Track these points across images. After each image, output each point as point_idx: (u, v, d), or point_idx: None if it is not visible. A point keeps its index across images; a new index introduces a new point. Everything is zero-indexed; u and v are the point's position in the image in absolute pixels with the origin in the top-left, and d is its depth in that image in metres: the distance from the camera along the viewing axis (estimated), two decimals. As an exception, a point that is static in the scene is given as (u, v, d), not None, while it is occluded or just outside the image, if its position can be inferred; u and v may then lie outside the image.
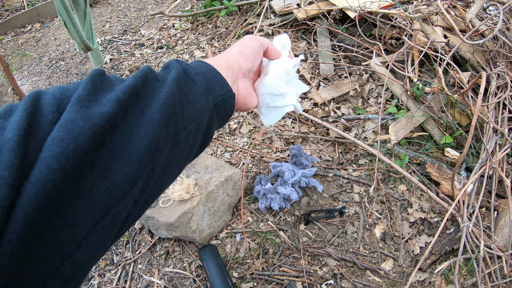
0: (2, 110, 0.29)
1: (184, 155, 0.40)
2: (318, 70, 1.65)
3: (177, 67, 0.42)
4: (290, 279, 1.07)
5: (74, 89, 0.32)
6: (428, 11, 1.55)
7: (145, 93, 0.35)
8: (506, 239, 1.03)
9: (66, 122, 0.28)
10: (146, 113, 0.34)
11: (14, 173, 0.24)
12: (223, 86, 0.47)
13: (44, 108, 0.29)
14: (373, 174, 1.26)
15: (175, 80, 0.39)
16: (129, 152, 0.31)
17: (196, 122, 0.41)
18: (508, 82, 1.25)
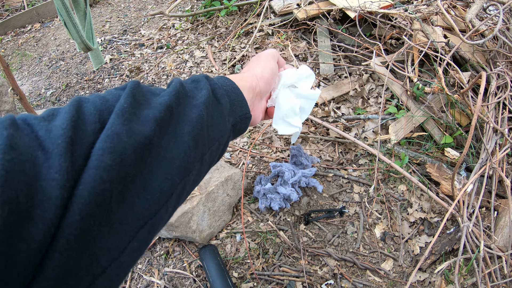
0: (45, 113, 0.31)
1: (205, 172, 0.44)
2: (318, 70, 1.65)
3: (207, 87, 0.44)
4: (290, 279, 1.07)
5: (113, 100, 0.34)
6: (428, 11, 1.55)
7: (178, 112, 0.38)
8: (506, 239, 1.03)
9: (113, 134, 0.30)
10: (179, 134, 0.37)
11: (65, 176, 0.26)
12: (243, 107, 0.50)
13: (86, 118, 0.31)
14: (373, 174, 1.26)
15: (205, 103, 0.41)
16: (164, 170, 0.34)
17: (217, 142, 0.44)
18: (508, 82, 1.25)
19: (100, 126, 0.31)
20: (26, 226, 0.24)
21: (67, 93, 2.06)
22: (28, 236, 0.24)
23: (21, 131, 0.27)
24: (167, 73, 1.91)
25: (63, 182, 0.26)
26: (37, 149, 0.27)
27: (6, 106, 1.81)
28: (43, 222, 0.25)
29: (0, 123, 0.26)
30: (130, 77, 1.98)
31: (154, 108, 0.35)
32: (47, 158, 0.27)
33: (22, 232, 0.24)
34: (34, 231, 0.24)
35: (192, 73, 1.85)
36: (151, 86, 0.49)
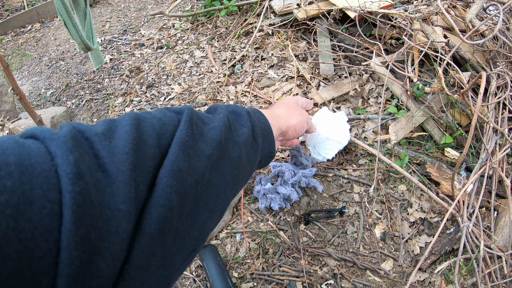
0: (102, 127, 0.30)
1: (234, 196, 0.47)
2: (318, 70, 1.65)
3: (248, 125, 0.47)
4: (290, 279, 1.07)
5: (170, 124, 0.35)
6: (428, 11, 1.55)
7: (224, 147, 0.40)
8: (506, 239, 1.03)
9: (178, 170, 0.31)
10: (223, 172, 0.39)
11: (130, 207, 0.26)
12: (270, 146, 0.53)
13: (146, 140, 0.32)
14: (373, 174, 1.26)
15: (245, 142, 0.44)
16: (208, 207, 0.36)
17: (246, 178, 0.47)
18: (508, 82, 1.25)
19: (159, 150, 0.31)
20: (96, 261, 0.23)
21: (67, 93, 2.06)
22: (98, 272, 0.24)
23: (81, 148, 0.27)
24: (167, 73, 1.91)
25: (128, 215, 0.26)
26: (98, 170, 0.26)
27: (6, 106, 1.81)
28: (111, 257, 0.24)
29: (64, 143, 0.25)
30: (130, 77, 1.98)
31: (208, 144, 0.36)
32: (109, 183, 0.26)
33: (92, 268, 0.23)
34: (103, 266, 0.24)
35: (192, 73, 1.86)
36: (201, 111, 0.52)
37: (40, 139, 0.26)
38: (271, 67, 1.74)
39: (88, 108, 1.93)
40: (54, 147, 0.24)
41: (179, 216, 0.30)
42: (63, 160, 0.24)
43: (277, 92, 1.61)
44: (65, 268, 0.21)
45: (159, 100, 1.74)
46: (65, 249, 0.21)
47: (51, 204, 0.22)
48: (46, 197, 0.22)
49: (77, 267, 0.22)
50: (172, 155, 0.31)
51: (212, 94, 1.66)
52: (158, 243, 0.28)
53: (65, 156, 0.24)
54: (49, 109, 1.87)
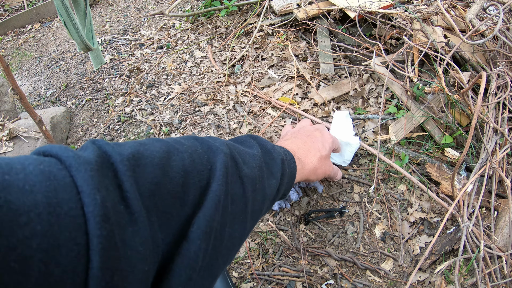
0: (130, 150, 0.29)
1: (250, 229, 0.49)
2: (318, 70, 1.65)
3: (278, 177, 0.48)
4: (290, 279, 1.07)
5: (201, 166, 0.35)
6: (428, 11, 1.55)
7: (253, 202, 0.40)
8: (506, 239, 1.03)
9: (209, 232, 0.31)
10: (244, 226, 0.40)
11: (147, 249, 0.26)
12: (287, 190, 0.56)
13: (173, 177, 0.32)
14: (373, 174, 1.26)
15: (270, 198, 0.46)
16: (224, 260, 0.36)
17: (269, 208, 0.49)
18: (508, 82, 1.25)
19: (181, 189, 0.31)
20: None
21: (67, 93, 2.06)
22: None
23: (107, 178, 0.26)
24: (167, 73, 1.91)
25: (145, 256, 0.26)
26: (121, 203, 0.26)
27: (6, 106, 1.81)
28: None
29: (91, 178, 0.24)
30: (130, 77, 1.98)
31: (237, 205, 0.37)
32: (132, 221, 0.26)
33: None
34: None
35: (192, 73, 1.85)
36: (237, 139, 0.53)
37: (64, 164, 0.25)
38: (271, 67, 1.74)
39: (88, 108, 1.93)
40: (80, 181, 0.24)
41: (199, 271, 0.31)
42: (91, 200, 0.23)
43: (277, 92, 1.61)
44: None
45: (159, 100, 1.74)
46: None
47: (77, 246, 0.22)
48: (73, 240, 0.22)
49: None
50: (207, 214, 0.31)
51: (212, 94, 1.66)
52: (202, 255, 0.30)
53: (93, 195, 0.23)
54: (49, 109, 1.87)
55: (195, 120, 1.56)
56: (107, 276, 0.22)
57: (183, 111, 1.61)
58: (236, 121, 1.53)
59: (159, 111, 1.65)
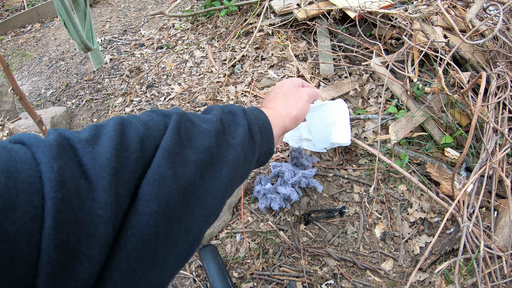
0: (87, 133, 0.31)
1: None
2: (318, 70, 1.65)
3: (244, 124, 0.45)
4: (290, 279, 1.07)
5: (155, 129, 0.35)
6: (428, 11, 1.55)
7: (217, 152, 0.39)
8: (506, 239, 1.03)
9: (160, 177, 0.31)
10: (218, 176, 0.38)
11: (109, 212, 0.27)
12: (269, 143, 0.52)
13: (129, 144, 0.32)
14: (373, 174, 1.26)
15: (242, 142, 0.43)
16: (204, 211, 0.36)
17: (243, 178, 0.46)
18: (508, 82, 1.25)
19: (141, 155, 0.32)
20: (74, 264, 0.25)
21: (67, 93, 2.06)
22: (75, 274, 0.25)
23: (67, 156, 0.28)
24: (167, 73, 1.91)
25: (107, 219, 0.27)
26: (81, 177, 0.27)
27: (6, 106, 1.81)
28: (89, 260, 0.25)
29: (49, 150, 0.26)
30: (130, 77, 1.98)
31: (196, 150, 0.36)
32: (91, 190, 0.27)
33: (70, 270, 0.24)
34: (80, 269, 0.25)
35: (192, 73, 1.86)
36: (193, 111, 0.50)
37: (27, 145, 0.27)
38: (271, 67, 1.74)
39: (88, 108, 1.93)
40: (39, 154, 0.26)
41: (166, 222, 0.30)
42: (48, 168, 0.25)
43: (277, 92, 1.61)
44: (44, 269, 0.23)
45: (159, 100, 1.74)
46: (44, 251, 0.23)
47: (34, 209, 0.23)
48: (30, 203, 0.23)
49: (55, 268, 0.23)
50: (155, 163, 0.31)
51: (212, 94, 1.66)
52: (143, 249, 0.28)
53: (50, 164, 0.25)
54: (49, 109, 1.87)
55: (195, 120, 1.56)
56: (61, 236, 0.23)
57: (183, 111, 1.61)
58: (236, 121, 1.53)
59: (159, 111, 1.65)
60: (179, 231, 0.32)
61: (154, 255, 0.30)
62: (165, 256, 0.31)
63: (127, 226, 0.28)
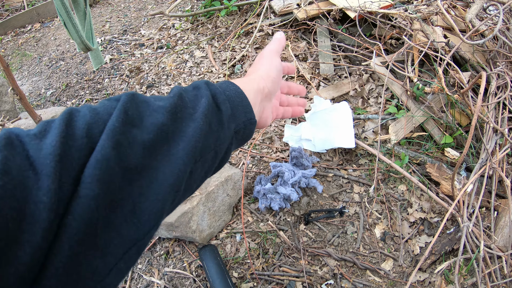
0: (38, 128, 0.32)
1: (197, 181, 0.43)
2: (318, 70, 1.65)
3: (207, 94, 0.43)
4: (290, 279, 1.07)
5: (104, 113, 0.34)
6: (428, 11, 1.55)
7: (173, 130, 0.37)
8: (506, 239, 1.03)
9: (103, 159, 0.30)
10: (173, 153, 0.36)
11: (52, 198, 0.27)
12: (247, 113, 0.48)
13: (75, 132, 0.31)
14: (373, 174, 1.26)
15: (204, 112, 0.40)
16: (155, 191, 0.34)
17: (214, 151, 0.42)
18: (508, 82, 1.25)
19: (87, 140, 0.31)
20: (15, 250, 0.25)
21: (67, 93, 2.06)
22: (15, 260, 0.25)
23: (14, 149, 0.28)
24: (167, 73, 1.91)
25: (50, 205, 0.27)
26: (28, 169, 0.28)
27: (6, 106, 1.81)
28: (30, 245, 0.26)
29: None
30: (130, 77, 1.98)
31: (146, 129, 0.34)
32: (37, 180, 0.27)
33: (10, 257, 0.25)
34: (21, 255, 0.25)
35: (192, 73, 1.86)
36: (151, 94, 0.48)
37: None
38: (271, 67, 1.74)
39: (88, 108, 1.93)
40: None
41: (107, 205, 0.30)
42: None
43: (277, 92, 1.61)
44: None
45: (159, 100, 1.74)
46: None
47: None
48: None
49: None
50: (99, 145, 0.31)
51: (212, 94, 1.66)
52: (84, 233, 0.28)
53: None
54: (49, 109, 1.87)
55: (195, 120, 1.56)
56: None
57: (183, 111, 1.61)
58: (236, 121, 1.53)
59: (159, 111, 1.65)
60: (123, 214, 0.31)
61: (95, 239, 0.29)
62: (107, 240, 0.30)
63: (69, 210, 0.28)
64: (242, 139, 0.50)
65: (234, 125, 0.46)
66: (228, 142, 0.45)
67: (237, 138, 0.48)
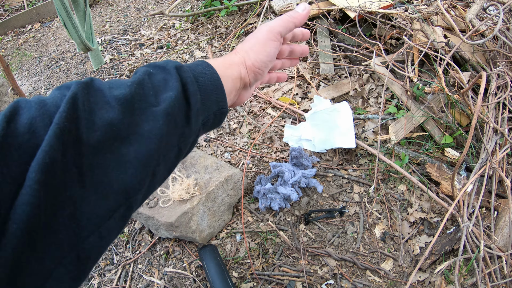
0: None
1: (160, 181, 0.39)
2: (318, 70, 1.65)
3: (177, 86, 0.37)
4: (290, 279, 1.07)
5: (52, 104, 0.31)
6: (428, 11, 1.55)
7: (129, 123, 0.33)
8: (506, 239, 1.03)
9: (50, 163, 0.28)
10: (124, 154, 0.32)
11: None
12: (220, 102, 0.43)
13: (17, 129, 0.29)
14: (373, 174, 1.26)
15: (168, 110, 0.35)
16: (100, 195, 0.31)
17: (177, 147, 0.38)
18: (508, 82, 1.25)
19: (29, 137, 0.29)
20: None
21: (67, 93, 2.06)
22: None
23: None
24: (167, 73, 1.91)
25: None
26: None
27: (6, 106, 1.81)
28: None
29: None
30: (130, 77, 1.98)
31: (93, 125, 0.31)
32: None
33: None
34: None
35: (192, 73, 1.86)
36: None
37: None
38: (271, 67, 1.74)
39: (88, 108, 1.93)
40: None
41: (48, 209, 0.28)
42: None
43: (277, 92, 1.61)
44: None
45: (159, 100, 1.74)
46: None
47: None
48: None
49: None
50: (46, 145, 0.28)
51: (212, 94, 1.66)
52: (26, 241, 0.28)
53: None
54: (49, 109, 1.87)
55: (195, 120, 1.56)
56: None
57: (183, 111, 1.61)
58: (236, 121, 1.53)
59: (159, 111, 1.65)
60: (62, 219, 0.29)
61: (35, 244, 0.28)
62: (45, 244, 0.29)
63: (10, 215, 0.27)
64: (210, 128, 0.45)
65: (202, 117, 0.41)
66: (195, 135, 0.41)
67: (204, 129, 0.43)
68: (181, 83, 0.38)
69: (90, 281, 1.19)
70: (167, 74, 0.39)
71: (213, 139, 1.47)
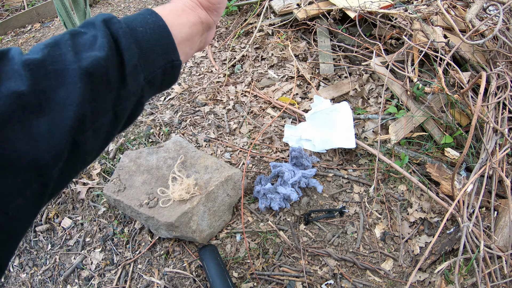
0: None
1: (93, 150, 0.34)
2: (318, 70, 1.65)
3: (103, 43, 0.33)
4: (290, 279, 1.07)
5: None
6: (428, 11, 1.55)
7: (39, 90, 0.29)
8: (506, 239, 1.03)
9: None
10: (34, 124, 0.29)
11: None
12: (168, 53, 0.37)
13: None
14: (373, 174, 1.26)
15: (88, 71, 0.31)
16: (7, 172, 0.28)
17: (112, 112, 0.34)
18: (508, 82, 1.25)
19: None
20: None
21: (67, 93, 2.06)
22: None
23: None
24: (167, 73, 1.90)
25: None
26: None
27: (6, 106, 1.81)
28: None
29: None
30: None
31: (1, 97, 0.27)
32: None
33: None
34: None
35: (192, 73, 1.85)
36: None
37: None
38: (271, 67, 1.74)
39: (88, 108, 1.93)
40: None
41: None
42: None
43: (277, 92, 1.61)
44: None
45: (159, 100, 1.74)
46: None
47: None
48: None
49: None
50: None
51: (212, 94, 1.66)
52: None
53: None
54: (49, 109, 1.87)
55: (195, 120, 1.56)
56: None
57: (183, 111, 1.61)
58: (236, 121, 1.53)
59: (159, 111, 1.65)
60: None
61: None
62: None
63: None
64: (161, 87, 0.40)
65: (144, 75, 0.36)
66: (136, 97, 0.36)
67: (152, 88, 0.38)
68: (111, 37, 0.33)
69: (90, 281, 1.19)
70: (96, 30, 0.33)
71: (213, 139, 1.47)
